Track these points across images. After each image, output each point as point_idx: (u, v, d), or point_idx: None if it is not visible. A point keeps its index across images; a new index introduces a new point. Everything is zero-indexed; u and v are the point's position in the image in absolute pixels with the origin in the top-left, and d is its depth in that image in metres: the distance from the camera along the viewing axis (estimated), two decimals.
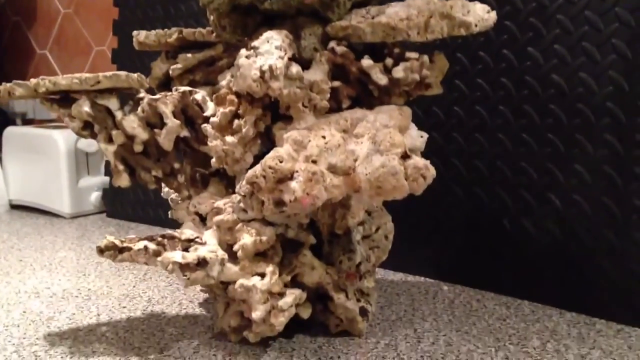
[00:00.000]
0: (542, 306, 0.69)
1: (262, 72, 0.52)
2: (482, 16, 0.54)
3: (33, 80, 0.55)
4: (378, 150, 0.50)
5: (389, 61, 0.56)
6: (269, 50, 0.53)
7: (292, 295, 0.54)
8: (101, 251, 0.54)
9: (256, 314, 0.53)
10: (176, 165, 0.60)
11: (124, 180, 0.58)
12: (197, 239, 0.55)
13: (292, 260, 0.57)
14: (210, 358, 0.56)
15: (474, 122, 0.73)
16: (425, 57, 0.56)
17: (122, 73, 0.56)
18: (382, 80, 0.56)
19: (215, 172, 0.61)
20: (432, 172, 0.48)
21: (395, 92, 0.57)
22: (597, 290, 0.65)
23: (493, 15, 0.55)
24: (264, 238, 0.54)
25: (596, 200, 0.64)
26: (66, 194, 1.14)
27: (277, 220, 0.56)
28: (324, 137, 0.52)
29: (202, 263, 0.52)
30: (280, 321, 0.53)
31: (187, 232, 0.57)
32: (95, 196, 1.18)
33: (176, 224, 0.64)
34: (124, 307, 0.70)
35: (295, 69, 0.53)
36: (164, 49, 0.66)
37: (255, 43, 0.54)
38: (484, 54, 0.71)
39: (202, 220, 0.60)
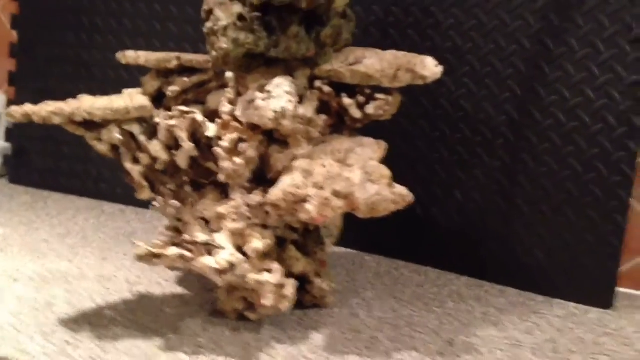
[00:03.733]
0: (442, 272, 0.91)
1: (276, 113, 0.65)
2: (435, 70, 0.71)
3: (68, 109, 0.62)
4: (370, 179, 0.66)
5: (361, 99, 0.72)
6: (280, 94, 0.66)
7: (292, 286, 0.70)
8: (140, 258, 0.64)
9: (267, 302, 0.68)
10: (185, 179, 0.70)
11: (147, 194, 0.68)
12: (211, 242, 0.68)
13: (281, 254, 0.72)
14: (219, 333, 0.70)
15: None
16: (390, 98, 0.72)
17: (148, 104, 0.65)
18: (357, 114, 0.71)
19: (211, 182, 0.73)
20: (411, 197, 0.66)
21: (362, 122, 0.73)
22: (485, 258, 0.89)
23: (440, 68, 0.73)
24: (269, 242, 0.69)
25: (488, 195, 0.87)
26: None
27: (272, 224, 0.71)
28: (324, 165, 0.67)
29: (231, 267, 0.65)
30: (286, 306, 0.69)
31: (201, 236, 0.69)
32: None
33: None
34: (108, 288, 0.80)
35: (301, 110, 0.67)
36: (156, 69, 0.74)
37: (268, 88, 0.66)
38: None
39: (206, 222, 0.72)
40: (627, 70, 0.77)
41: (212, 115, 0.74)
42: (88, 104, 0.64)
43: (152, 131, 0.68)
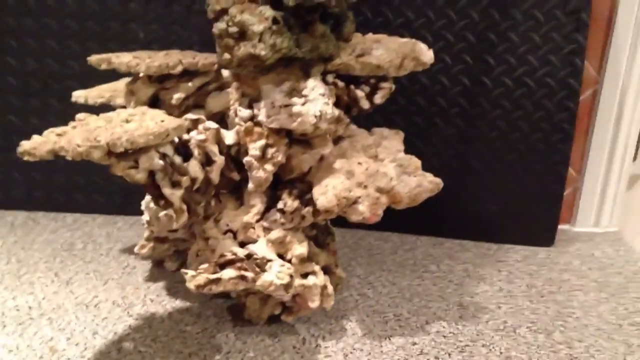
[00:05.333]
0: (403, 234, 0.98)
1: (317, 118, 0.64)
2: (430, 55, 0.74)
3: (103, 140, 0.54)
4: (406, 172, 0.68)
5: (366, 89, 0.72)
6: (316, 97, 0.64)
7: (330, 284, 0.70)
8: (198, 287, 0.60)
9: (314, 304, 0.68)
10: (212, 193, 0.66)
11: (184, 218, 0.62)
12: (256, 255, 0.66)
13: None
14: (261, 343, 0.69)
15: None
16: (393, 86, 0.74)
17: (183, 123, 0.59)
18: (366, 105, 0.72)
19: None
20: (442, 183, 0.69)
21: (367, 112, 0.74)
22: (441, 217, 0.96)
23: (431, 53, 0.76)
24: (306, 245, 0.68)
25: (444, 160, 0.94)
26: None
27: (302, 226, 0.70)
28: (360, 163, 0.67)
29: (291, 278, 0.64)
30: (330, 304, 0.69)
31: (240, 251, 0.66)
32: None
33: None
34: (106, 317, 0.73)
35: (336, 112, 0.66)
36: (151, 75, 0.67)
37: (305, 92, 0.64)
38: None
39: (233, 234, 0.69)
40: (565, 39, 0.87)
41: (213, 118, 0.69)
42: (122, 132, 0.56)
43: (181, 149, 0.62)
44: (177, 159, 0.61)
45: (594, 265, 0.91)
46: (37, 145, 0.54)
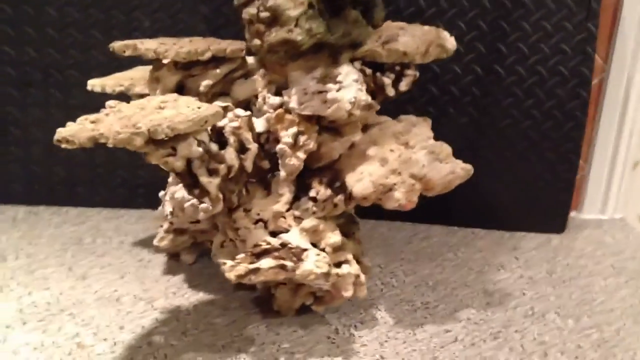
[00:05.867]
0: (414, 224, 0.97)
1: (352, 104, 0.63)
2: (453, 42, 0.73)
3: (144, 127, 0.52)
4: (438, 158, 0.67)
5: (391, 76, 0.71)
6: (350, 84, 0.63)
7: (362, 272, 0.69)
8: (238, 277, 0.59)
9: (348, 293, 0.67)
10: (245, 181, 0.64)
11: (220, 206, 0.60)
12: (290, 245, 0.64)
13: None
14: (294, 334, 0.68)
15: None
16: (417, 73, 0.73)
17: (220, 110, 0.58)
18: (391, 92, 0.71)
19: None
20: (472, 169, 0.69)
21: (392, 99, 0.73)
22: (454, 206, 0.96)
23: (453, 39, 0.75)
24: (340, 236, 0.67)
25: (456, 149, 0.93)
26: None
27: (333, 214, 0.69)
28: (392, 150, 0.67)
29: (330, 267, 0.63)
30: (364, 293, 0.68)
31: (274, 241, 0.65)
32: None
33: None
34: (130, 311, 0.70)
35: (369, 98, 0.65)
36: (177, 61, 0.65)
37: (339, 78, 0.63)
38: None
39: (264, 224, 0.67)
40: (576, 28, 0.88)
41: (238, 106, 0.67)
42: (161, 118, 0.54)
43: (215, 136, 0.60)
44: (214, 147, 0.59)
45: (607, 251, 0.92)
46: (75, 132, 0.51)
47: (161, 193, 0.76)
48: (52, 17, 0.90)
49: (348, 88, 0.63)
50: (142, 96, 0.72)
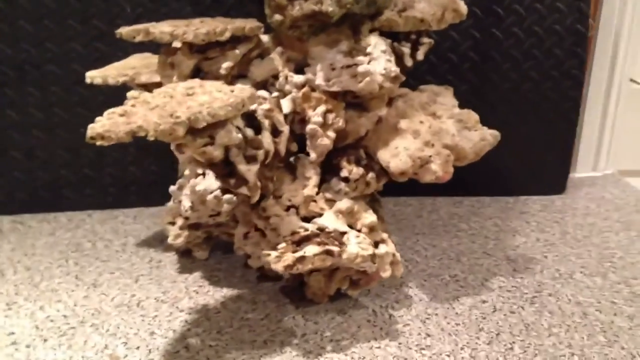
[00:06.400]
0: (420, 197, 0.96)
1: (383, 76, 0.60)
2: (465, 6, 0.72)
3: (184, 116, 0.48)
4: (466, 126, 0.66)
5: (407, 45, 0.69)
6: (379, 55, 0.60)
7: (395, 250, 0.67)
8: (287, 267, 0.56)
9: (386, 274, 0.65)
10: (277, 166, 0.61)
11: (258, 195, 0.57)
12: (328, 229, 0.61)
13: None
14: (333, 322, 0.65)
15: None
16: (432, 41, 0.71)
17: (255, 92, 0.54)
18: (409, 62, 0.69)
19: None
20: (499, 134, 0.67)
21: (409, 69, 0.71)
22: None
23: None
24: (375, 215, 0.65)
25: None
26: None
27: (366, 193, 0.66)
28: (422, 122, 0.64)
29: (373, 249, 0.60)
30: (401, 272, 0.66)
31: (310, 226, 0.62)
32: None
33: None
34: (156, 316, 0.66)
35: (398, 69, 0.62)
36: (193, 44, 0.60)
37: (369, 49, 0.60)
38: None
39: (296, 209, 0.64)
40: None
41: (256, 88, 0.64)
42: (198, 105, 0.50)
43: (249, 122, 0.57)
44: (249, 132, 0.55)
45: (610, 207, 0.93)
46: (110, 127, 0.47)
47: (172, 188, 0.72)
48: (25, 8, 0.83)
49: (378, 60, 0.60)
50: (148, 85, 0.67)
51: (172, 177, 0.91)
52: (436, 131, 0.64)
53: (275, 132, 0.58)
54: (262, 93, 0.60)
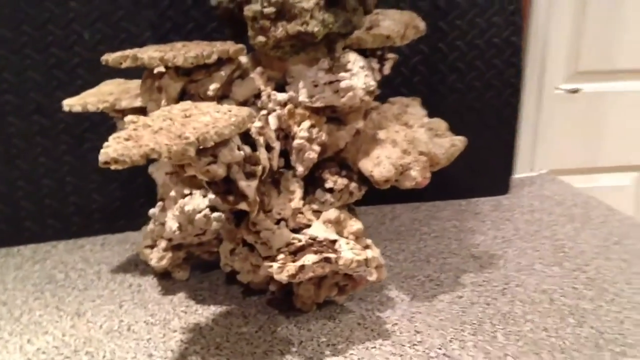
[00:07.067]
0: (380, 206, 1.00)
1: (364, 90, 0.64)
2: (423, 23, 0.77)
3: (192, 136, 0.50)
4: (436, 134, 0.70)
5: (374, 61, 0.73)
6: (358, 70, 0.64)
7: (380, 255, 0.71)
8: (291, 277, 0.58)
9: (373, 277, 0.68)
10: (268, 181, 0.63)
11: (256, 209, 0.59)
12: (319, 238, 0.64)
13: None
14: (325, 329, 0.68)
15: None
16: (397, 56, 0.75)
17: (252, 111, 0.56)
18: (378, 77, 0.73)
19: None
20: (466, 140, 0.73)
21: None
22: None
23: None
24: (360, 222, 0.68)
25: None
26: None
27: (349, 202, 0.70)
28: (397, 131, 0.69)
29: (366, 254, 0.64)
30: (385, 275, 0.70)
31: (303, 237, 0.64)
32: None
33: None
34: (149, 338, 0.67)
35: (375, 83, 0.66)
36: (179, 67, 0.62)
37: (348, 66, 0.64)
38: None
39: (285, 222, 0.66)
40: (506, 0, 0.95)
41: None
42: (203, 124, 0.52)
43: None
44: (247, 149, 0.57)
45: (552, 203, 1.01)
46: (122, 151, 0.48)
47: (152, 210, 0.73)
48: None
49: (358, 75, 0.64)
50: (125, 110, 0.68)
51: (137, 203, 0.91)
52: (411, 140, 0.68)
53: (268, 148, 0.61)
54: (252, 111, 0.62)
